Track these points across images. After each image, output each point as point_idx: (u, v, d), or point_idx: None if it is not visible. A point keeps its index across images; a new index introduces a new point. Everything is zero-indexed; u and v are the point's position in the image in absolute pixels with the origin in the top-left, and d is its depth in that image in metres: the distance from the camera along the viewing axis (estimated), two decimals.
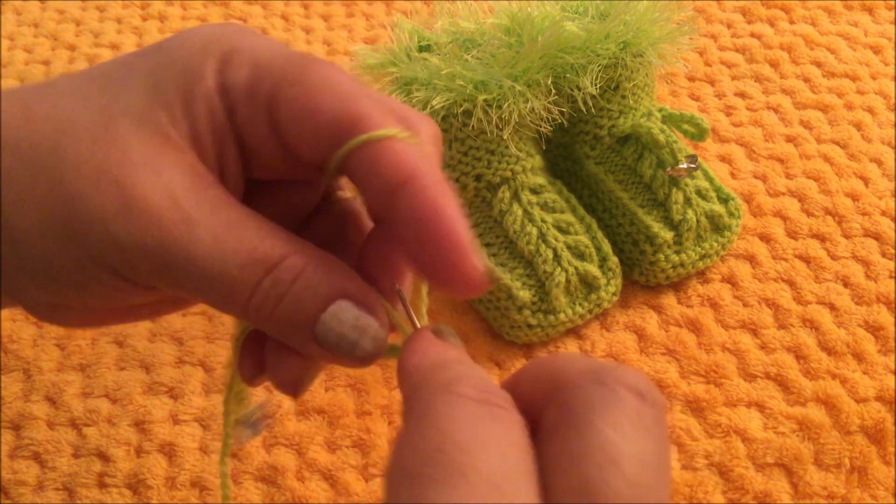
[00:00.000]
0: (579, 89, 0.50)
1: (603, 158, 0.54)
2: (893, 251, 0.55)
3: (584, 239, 0.51)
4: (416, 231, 0.24)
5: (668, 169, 0.52)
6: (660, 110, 0.55)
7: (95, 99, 0.24)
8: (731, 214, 0.54)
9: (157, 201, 0.23)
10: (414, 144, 0.24)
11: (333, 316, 0.24)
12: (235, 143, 0.25)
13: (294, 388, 0.27)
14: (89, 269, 0.24)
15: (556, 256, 0.50)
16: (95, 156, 0.23)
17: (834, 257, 0.56)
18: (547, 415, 0.22)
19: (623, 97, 0.53)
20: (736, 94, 0.66)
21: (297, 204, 0.28)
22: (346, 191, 0.30)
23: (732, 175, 0.61)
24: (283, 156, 0.26)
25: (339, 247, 0.28)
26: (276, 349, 0.27)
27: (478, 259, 0.24)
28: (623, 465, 0.20)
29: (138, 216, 0.23)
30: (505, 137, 0.49)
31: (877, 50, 0.69)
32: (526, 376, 0.24)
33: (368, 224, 0.29)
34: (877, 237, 0.56)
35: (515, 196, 0.51)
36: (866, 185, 0.59)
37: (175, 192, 0.24)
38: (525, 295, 0.50)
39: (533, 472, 0.20)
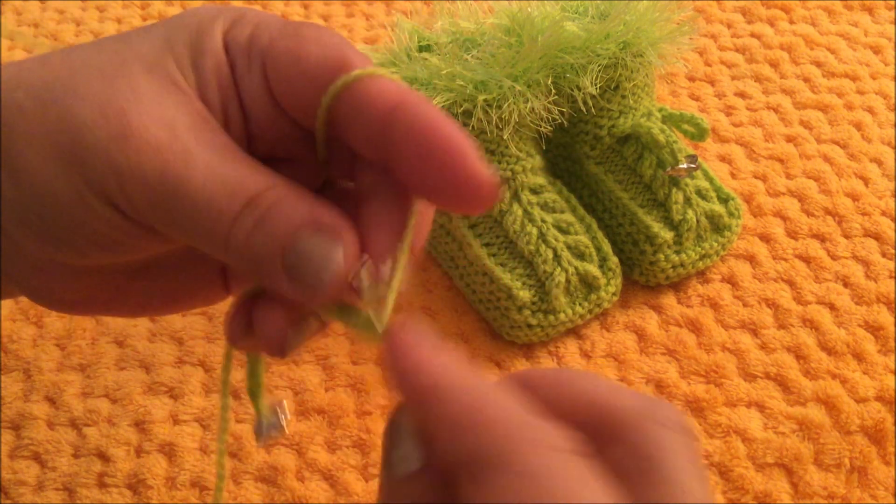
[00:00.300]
0: (579, 89, 0.50)
1: (603, 158, 0.54)
2: (893, 251, 0.55)
3: (584, 239, 0.51)
4: (417, 149, 0.24)
5: (668, 169, 0.52)
6: (660, 110, 0.55)
7: (110, 46, 0.26)
8: (731, 214, 0.54)
9: (158, 132, 0.24)
10: (398, 80, 0.25)
11: (300, 239, 0.24)
12: (238, 102, 0.26)
13: (280, 345, 0.26)
14: (87, 199, 0.24)
15: (556, 256, 0.50)
16: (104, 90, 0.24)
17: (834, 257, 0.56)
18: (611, 454, 0.22)
19: (623, 97, 0.53)
20: (736, 94, 0.66)
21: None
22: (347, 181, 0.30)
23: (732, 175, 0.61)
24: (278, 117, 0.26)
25: None
26: (262, 305, 0.27)
27: (484, 165, 0.23)
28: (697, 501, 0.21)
29: (138, 144, 0.24)
30: (505, 137, 0.49)
31: (877, 50, 0.69)
32: (556, 397, 0.24)
33: (367, 213, 0.28)
34: (877, 237, 0.56)
35: (515, 196, 0.51)
36: (866, 185, 0.59)
37: (177, 126, 0.24)
38: (525, 295, 0.50)
39: None
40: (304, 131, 0.27)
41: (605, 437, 0.22)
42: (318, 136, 0.26)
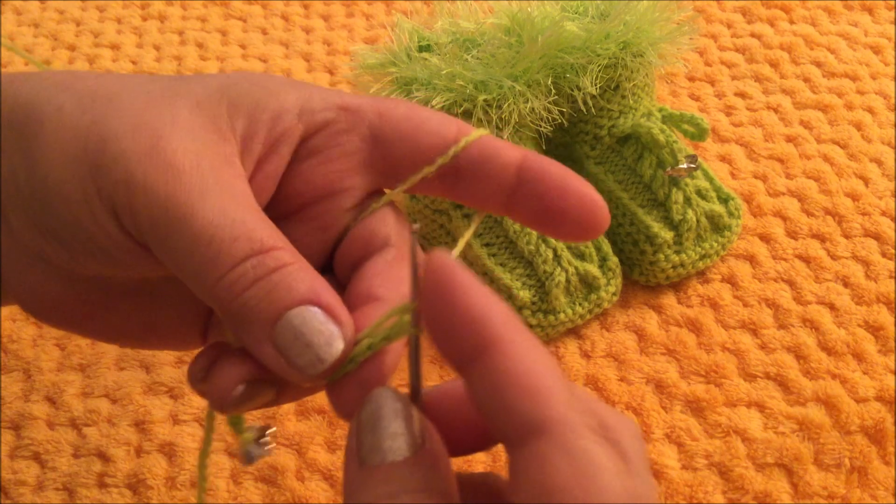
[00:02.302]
0: (579, 89, 0.50)
1: (603, 158, 0.54)
2: (893, 251, 0.55)
3: None
4: (551, 193, 0.27)
5: (668, 169, 0.52)
6: (660, 110, 0.55)
7: (164, 78, 0.26)
8: (731, 214, 0.54)
9: (181, 159, 0.24)
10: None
11: (300, 315, 0.24)
12: (289, 155, 0.27)
13: (223, 399, 0.26)
14: (93, 205, 0.24)
15: (556, 256, 0.50)
16: (144, 110, 0.25)
17: (834, 257, 0.56)
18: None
19: (623, 97, 0.53)
20: (736, 94, 0.66)
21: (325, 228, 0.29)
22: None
23: (732, 175, 0.61)
24: (356, 170, 0.28)
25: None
26: (228, 355, 0.26)
27: (602, 200, 0.27)
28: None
29: (158, 163, 0.24)
30: (505, 137, 0.49)
31: (877, 50, 0.69)
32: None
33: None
34: (877, 237, 0.56)
35: None
36: (866, 185, 0.59)
37: (202, 160, 0.24)
38: (525, 295, 0.50)
39: None
40: (350, 200, 0.28)
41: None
42: (407, 180, 0.28)
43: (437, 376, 0.50)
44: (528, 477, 0.20)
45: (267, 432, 0.29)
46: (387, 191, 0.29)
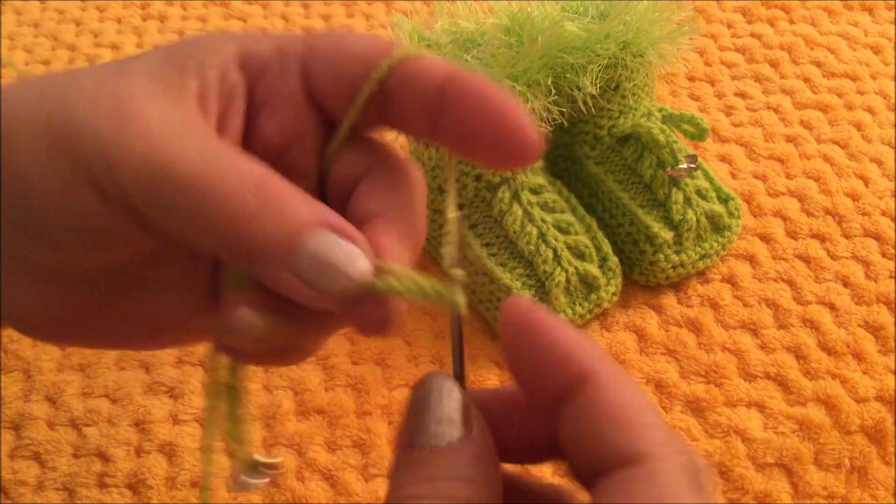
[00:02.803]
0: (579, 89, 0.50)
1: (603, 158, 0.54)
2: (893, 251, 0.55)
3: (584, 239, 0.51)
4: (474, 111, 0.24)
5: (668, 169, 0.52)
6: (660, 110, 0.55)
7: (111, 63, 0.26)
8: (731, 214, 0.54)
9: (150, 117, 0.24)
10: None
11: (315, 239, 0.23)
12: (243, 114, 0.26)
13: (243, 327, 0.25)
14: (70, 182, 0.24)
15: (556, 256, 0.50)
16: (101, 83, 0.24)
17: (834, 257, 0.56)
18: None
19: (623, 97, 0.53)
20: (736, 94, 0.66)
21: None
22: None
23: (732, 175, 0.61)
24: (302, 116, 0.27)
25: None
26: (246, 292, 0.26)
27: (533, 123, 0.25)
28: None
29: (129, 127, 0.23)
30: None
31: (877, 50, 0.69)
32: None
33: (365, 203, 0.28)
34: (877, 237, 0.56)
35: (515, 196, 0.51)
36: (866, 185, 0.59)
37: (169, 117, 0.24)
38: (525, 295, 0.50)
39: None
40: (314, 142, 0.27)
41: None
42: (348, 116, 0.26)
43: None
44: (608, 497, 0.20)
45: (264, 465, 0.28)
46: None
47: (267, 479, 0.29)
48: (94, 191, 0.24)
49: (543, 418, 0.23)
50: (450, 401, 0.23)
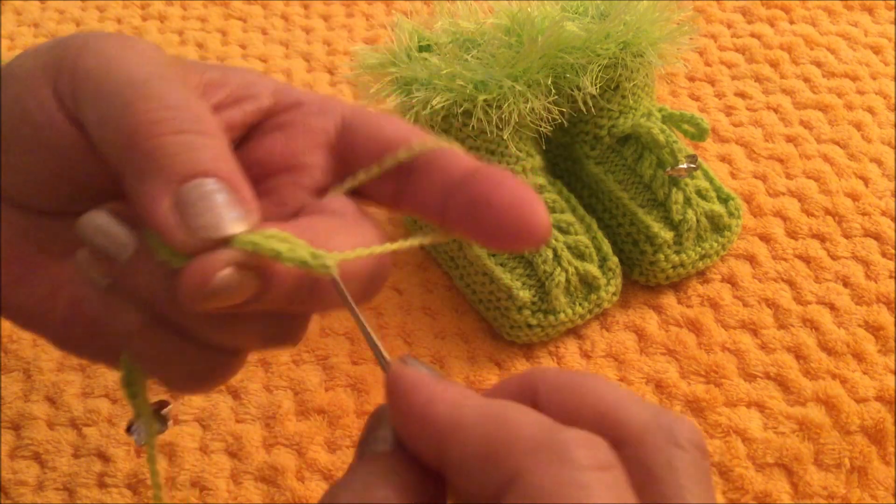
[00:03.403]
0: (579, 89, 0.50)
1: (603, 158, 0.54)
2: (893, 251, 0.55)
3: (584, 239, 0.51)
4: (493, 201, 0.25)
5: (668, 169, 0.52)
6: (660, 110, 0.55)
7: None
8: (731, 214, 0.54)
9: (137, 50, 0.25)
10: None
11: (214, 183, 0.23)
12: (247, 115, 0.27)
13: (203, 281, 0.23)
14: (40, 92, 0.25)
15: (556, 256, 0.50)
16: (108, 46, 0.26)
17: (834, 257, 0.56)
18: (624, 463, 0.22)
19: (623, 97, 0.53)
20: (736, 94, 0.66)
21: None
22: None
23: (732, 175, 0.61)
24: (321, 150, 0.28)
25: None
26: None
27: (547, 215, 0.25)
28: None
29: (106, 55, 0.25)
30: (505, 137, 0.49)
31: (877, 50, 0.69)
32: (563, 400, 0.24)
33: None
34: (877, 237, 0.56)
35: None
36: (866, 185, 0.59)
37: (155, 67, 0.25)
38: (525, 295, 0.50)
39: None
40: (309, 180, 0.28)
41: (616, 446, 0.22)
42: (369, 171, 0.27)
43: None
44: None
45: (165, 408, 0.28)
46: (338, 190, 0.29)
47: (170, 423, 0.29)
48: (63, 114, 0.25)
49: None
50: (384, 422, 0.24)
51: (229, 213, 0.23)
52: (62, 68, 0.25)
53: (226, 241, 0.23)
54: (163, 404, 0.28)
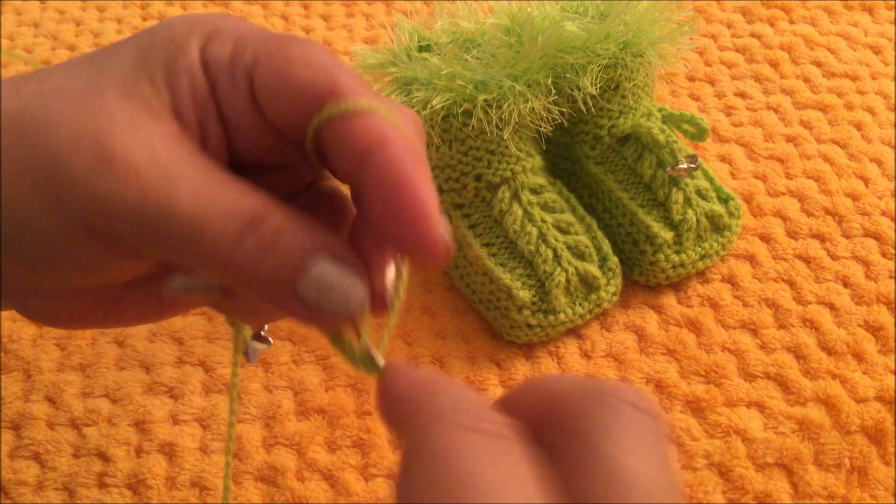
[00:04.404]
0: (579, 89, 0.50)
1: (603, 158, 0.54)
2: (893, 251, 0.55)
3: (584, 239, 0.51)
4: (382, 196, 0.24)
5: (668, 169, 0.52)
6: (660, 110, 0.55)
7: (82, 73, 0.25)
8: (731, 214, 0.54)
9: (136, 158, 0.23)
10: (390, 119, 0.25)
11: (315, 267, 0.24)
12: (218, 118, 0.26)
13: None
14: (69, 232, 0.24)
15: (556, 256, 0.50)
16: (77, 119, 0.23)
17: (834, 257, 0.56)
18: (548, 437, 0.22)
19: (623, 97, 0.53)
20: (736, 94, 0.66)
21: (282, 192, 0.27)
22: (332, 180, 0.30)
23: (732, 175, 0.61)
24: (264, 132, 0.26)
25: None
26: None
27: (442, 227, 0.24)
28: (638, 487, 0.20)
29: (117, 171, 0.23)
30: (505, 137, 0.49)
31: (877, 50, 0.69)
32: (518, 396, 0.24)
33: (353, 211, 0.28)
34: (877, 237, 0.56)
35: (515, 196, 0.51)
36: (866, 185, 0.59)
37: (156, 151, 0.23)
38: (525, 295, 0.50)
39: (543, 500, 0.20)
40: (289, 142, 0.26)
41: (547, 422, 0.22)
42: (308, 151, 0.26)
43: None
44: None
45: (264, 331, 0.31)
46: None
47: (269, 345, 0.32)
48: (91, 237, 0.24)
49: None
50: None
51: (347, 287, 0.24)
52: (83, 218, 0.23)
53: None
54: (260, 331, 0.32)
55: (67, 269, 0.25)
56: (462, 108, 0.47)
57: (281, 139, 0.26)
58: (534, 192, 0.51)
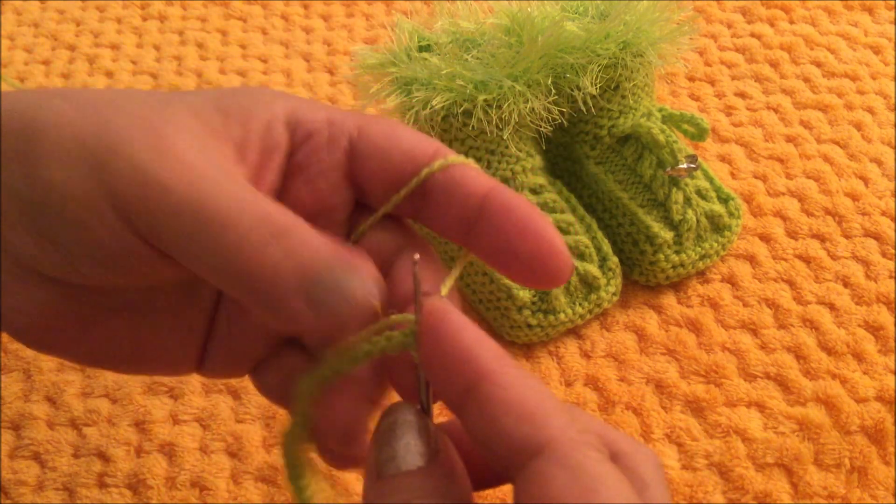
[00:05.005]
0: (579, 89, 0.50)
1: (603, 158, 0.54)
2: (893, 251, 0.55)
3: (584, 239, 0.51)
4: (509, 231, 0.26)
5: (668, 169, 0.52)
6: (660, 110, 0.55)
7: (158, 92, 0.27)
8: (731, 214, 0.54)
9: (190, 156, 0.24)
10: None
11: (328, 273, 0.24)
12: (280, 171, 0.27)
13: (345, 434, 0.27)
14: (100, 207, 0.24)
15: None
16: (147, 112, 0.25)
17: (834, 257, 0.56)
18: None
19: (623, 97, 0.53)
20: (736, 94, 0.66)
21: None
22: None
23: (732, 175, 0.61)
24: (332, 194, 0.28)
25: None
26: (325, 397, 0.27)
27: (567, 251, 0.26)
28: None
29: (170, 161, 0.24)
30: (505, 137, 0.49)
31: (877, 50, 0.69)
32: None
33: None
34: (877, 237, 0.56)
35: None
36: (866, 185, 0.59)
37: (209, 158, 0.25)
38: (525, 295, 0.50)
39: None
40: (341, 215, 0.28)
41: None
42: (388, 203, 0.27)
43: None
44: (529, 495, 0.21)
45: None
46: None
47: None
48: (118, 216, 0.24)
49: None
50: (415, 427, 0.24)
51: (360, 289, 0.25)
52: (123, 198, 0.24)
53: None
54: None
55: (82, 250, 0.25)
56: (462, 108, 0.47)
57: (348, 199, 0.28)
58: (534, 192, 0.51)
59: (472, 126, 0.48)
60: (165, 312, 0.29)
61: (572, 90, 0.50)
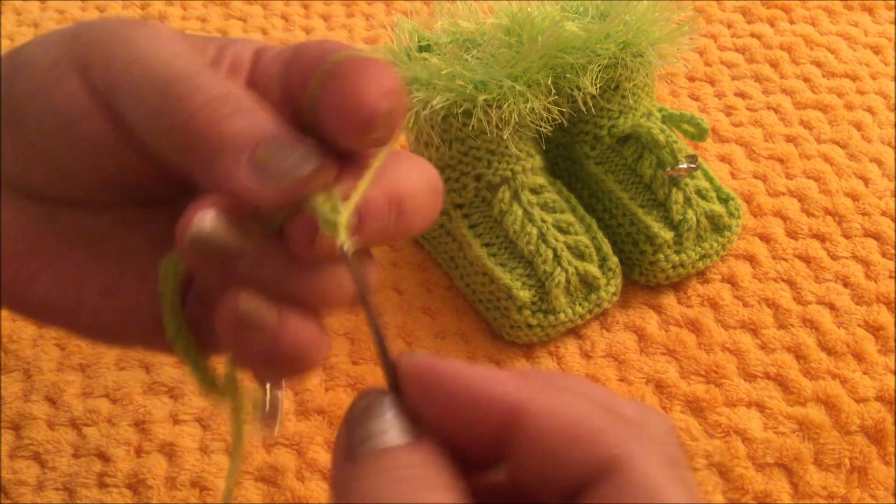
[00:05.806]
0: (579, 89, 0.50)
1: (603, 158, 0.54)
2: (893, 251, 0.55)
3: (584, 239, 0.51)
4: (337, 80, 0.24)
5: (668, 169, 0.52)
6: (660, 110, 0.55)
7: None
8: (731, 214, 0.54)
9: (163, 36, 0.26)
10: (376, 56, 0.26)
11: (278, 142, 0.24)
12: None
13: (200, 223, 0.24)
14: (61, 69, 0.25)
15: (556, 256, 0.50)
16: (122, 21, 0.26)
17: (834, 257, 0.56)
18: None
19: (623, 97, 0.53)
20: (736, 94, 0.66)
21: None
22: None
23: (732, 175, 0.61)
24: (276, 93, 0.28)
25: None
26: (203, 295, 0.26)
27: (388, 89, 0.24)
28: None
29: (142, 29, 0.26)
30: (505, 137, 0.49)
31: (877, 50, 0.69)
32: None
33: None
34: (877, 237, 0.56)
35: (515, 196, 0.51)
36: (866, 185, 0.59)
37: (182, 46, 0.26)
38: (525, 295, 0.50)
39: None
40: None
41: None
42: (306, 110, 0.26)
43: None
44: None
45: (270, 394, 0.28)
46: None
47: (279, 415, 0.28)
48: (80, 77, 0.25)
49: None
50: (394, 408, 0.22)
51: (302, 164, 0.24)
52: (91, 61, 0.25)
53: (304, 194, 0.24)
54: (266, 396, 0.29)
55: (66, 146, 0.25)
56: (462, 108, 0.47)
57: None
58: (534, 192, 0.51)
59: (472, 126, 0.48)
60: (139, 262, 0.27)
61: (572, 90, 0.50)
